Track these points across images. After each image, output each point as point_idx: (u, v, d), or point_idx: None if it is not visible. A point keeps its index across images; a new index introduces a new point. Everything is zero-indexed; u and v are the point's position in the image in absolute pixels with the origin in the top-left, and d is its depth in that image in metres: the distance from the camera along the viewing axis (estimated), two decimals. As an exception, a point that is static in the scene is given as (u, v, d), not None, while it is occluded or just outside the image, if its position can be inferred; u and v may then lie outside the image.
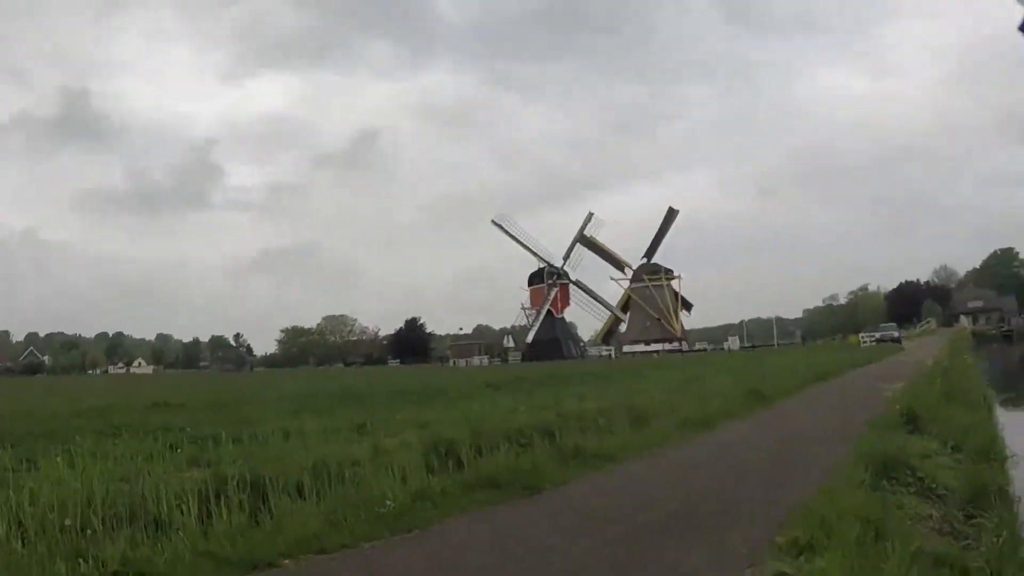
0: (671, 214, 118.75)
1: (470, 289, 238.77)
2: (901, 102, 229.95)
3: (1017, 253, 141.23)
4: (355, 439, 13.07)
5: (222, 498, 8.27)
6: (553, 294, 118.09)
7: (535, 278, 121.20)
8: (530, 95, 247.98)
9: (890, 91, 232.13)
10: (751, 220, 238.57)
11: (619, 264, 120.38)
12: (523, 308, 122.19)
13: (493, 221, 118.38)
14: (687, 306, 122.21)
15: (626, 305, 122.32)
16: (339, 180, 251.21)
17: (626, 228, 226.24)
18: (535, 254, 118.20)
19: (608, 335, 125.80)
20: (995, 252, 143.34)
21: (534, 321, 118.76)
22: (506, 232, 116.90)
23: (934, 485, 9.78)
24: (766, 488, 10.08)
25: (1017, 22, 5.13)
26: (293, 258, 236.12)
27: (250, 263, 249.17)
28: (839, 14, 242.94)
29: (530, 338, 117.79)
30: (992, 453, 12.06)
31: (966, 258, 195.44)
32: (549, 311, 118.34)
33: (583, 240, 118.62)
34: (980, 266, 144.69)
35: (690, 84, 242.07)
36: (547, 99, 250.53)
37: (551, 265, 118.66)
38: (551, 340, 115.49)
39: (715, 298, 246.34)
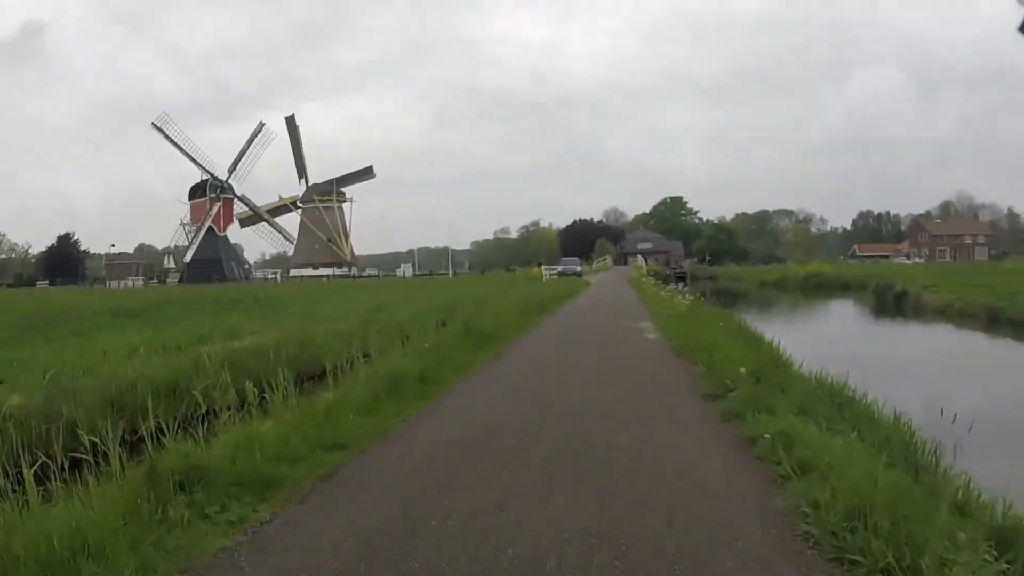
0: (290, 123, 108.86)
1: (134, 205, 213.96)
2: (578, 53, 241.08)
3: (686, 202, 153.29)
4: None
5: None
6: (216, 209, 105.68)
7: (197, 191, 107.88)
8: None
9: (568, 42, 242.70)
10: (423, 151, 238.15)
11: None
12: (182, 224, 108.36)
13: (153, 124, 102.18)
14: (365, 171, 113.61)
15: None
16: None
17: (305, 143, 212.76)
18: (197, 163, 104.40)
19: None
20: (665, 199, 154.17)
21: (193, 238, 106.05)
22: (166, 136, 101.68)
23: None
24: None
25: (1017, 22, 5.02)
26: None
27: None
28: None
29: (189, 257, 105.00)
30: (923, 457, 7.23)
31: (631, 204, 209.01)
32: (211, 228, 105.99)
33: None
34: (650, 211, 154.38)
35: (372, 9, 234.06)
36: (226, 6, 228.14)
37: (214, 177, 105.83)
38: (212, 260, 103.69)
39: (383, 225, 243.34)
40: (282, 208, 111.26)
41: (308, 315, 26.42)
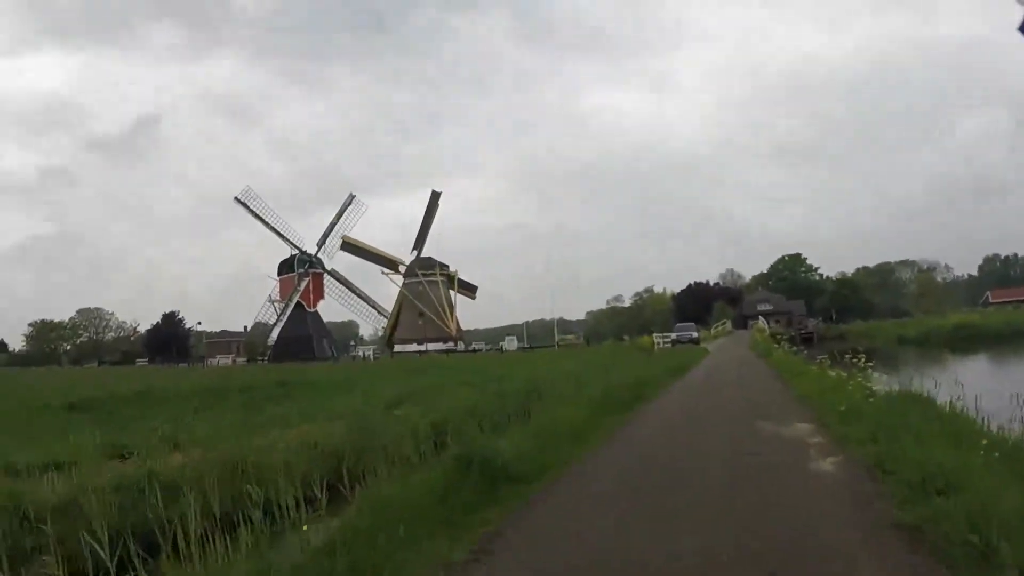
0: (434, 197, 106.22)
1: (248, 285, 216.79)
2: (680, 121, 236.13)
3: (805, 259, 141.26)
4: None
5: None
6: (304, 285, 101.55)
7: (285, 267, 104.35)
8: (314, 92, 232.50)
9: (669, 110, 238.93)
10: (534, 225, 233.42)
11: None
12: (271, 301, 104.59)
13: (236, 198, 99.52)
14: (470, 288, 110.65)
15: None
16: (112, 167, 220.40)
17: (404, 230, 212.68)
18: (282, 236, 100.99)
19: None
20: (783, 257, 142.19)
21: (281, 315, 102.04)
22: (249, 210, 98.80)
23: None
24: None
25: (1017, 22, 5.01)
26: (57, 247, 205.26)
27: (10, 251, 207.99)
28: (622, 37, 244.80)
29: (275, 335, 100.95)
30: None
31: (747, 266, 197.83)
32: (300, 304, 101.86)
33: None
34: (768, 270, 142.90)
35: (472, 93, 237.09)
36: (330, 98, 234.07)
37: (303, 251, 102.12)
38: (301, 337, 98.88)
39: (499, 301, 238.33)
40: (382, 260, 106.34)
41: (306, 413, 18.72)
